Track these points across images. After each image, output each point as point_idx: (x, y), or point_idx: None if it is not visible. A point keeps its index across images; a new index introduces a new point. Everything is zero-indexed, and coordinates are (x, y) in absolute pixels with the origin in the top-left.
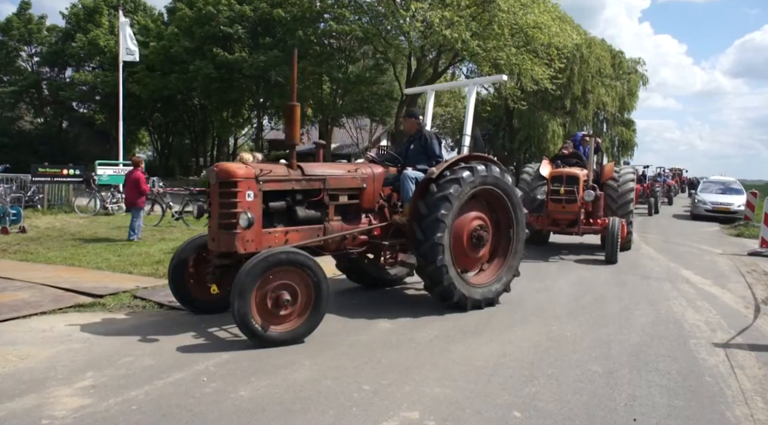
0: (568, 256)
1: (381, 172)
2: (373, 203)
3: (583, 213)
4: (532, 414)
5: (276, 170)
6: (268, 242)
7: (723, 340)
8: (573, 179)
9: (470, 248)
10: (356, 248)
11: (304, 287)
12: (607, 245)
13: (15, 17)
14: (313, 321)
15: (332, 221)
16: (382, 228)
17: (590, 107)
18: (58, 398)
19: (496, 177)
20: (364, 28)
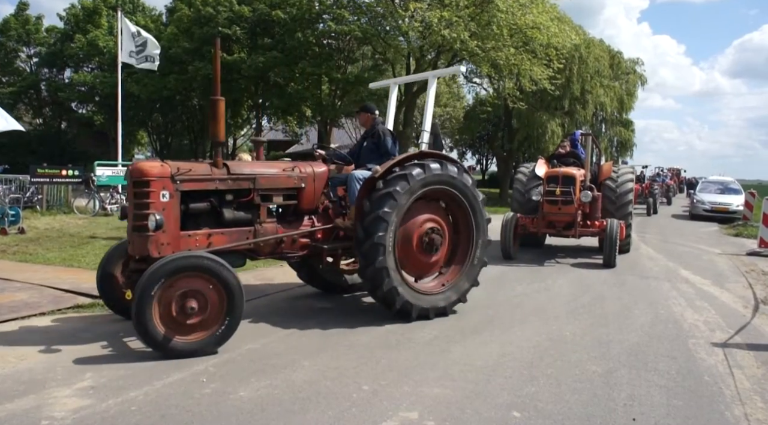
0: (565, 259)
1: (323, 171)
2: (313, 204)
3: (580, 215)
4: (531, 414)
5: (197, 168)
6: (187, 245)
7: (722, 340)
8: (569, 180)
9: (421, 252)
10: (297, 252)
11: (214, 295)
12: (605, 249)
13: (13, 18)
14: (225, 331)
15: (265, 224)
16: (324, 231)
17: (589, 107)
18: (57, 399)
19: (452, 176)
20: (363, 29)
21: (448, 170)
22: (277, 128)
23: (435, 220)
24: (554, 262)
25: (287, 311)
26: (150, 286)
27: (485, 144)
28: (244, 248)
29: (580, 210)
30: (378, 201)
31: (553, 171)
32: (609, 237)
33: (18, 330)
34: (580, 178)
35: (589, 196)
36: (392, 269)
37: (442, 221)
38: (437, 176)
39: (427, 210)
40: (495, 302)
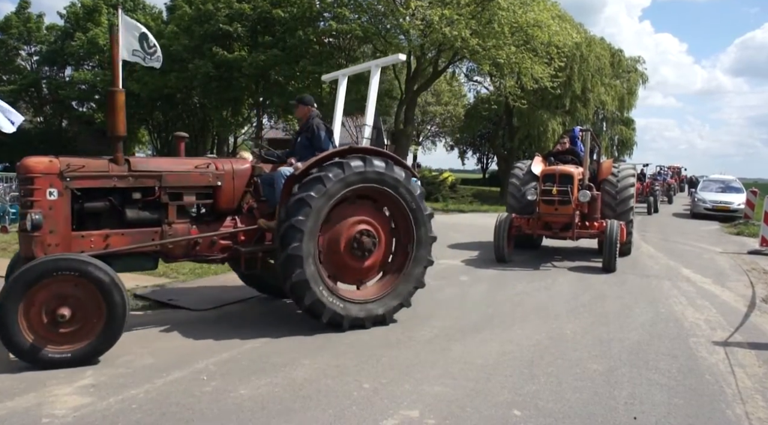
0: (562, 262)
1: (245, 168)
2: (233, 204)
3: (578, 215)
4: (532, 412)
5: (91, 165)
6: (80, 247)
7: (723, 338)
8: (567, 178)
9: (352, 258)
10: (216, 254)
11: (91, 300)
12: (605, 252)
13: (14, 16)
14: (105, 339)
15: (175, 224)
16: (248, 233)
17: (590, 105)
18: (58, 397)
19: (379, 173)
20: (363, 27)
21: (374, 166)
22: (278, 126)
23: (367, 221)
24: (551, 265)
25: (287, 309)
26: (13, 291)
27: (486, 143)
28: (150, 250)
29: (578, 211)
30: (291, 208)
31: (549, 169)
32: (609, 240)
33: None
34: (578, 176)
35: (588, 195)
36: (312, 280)
37: (376, 223)
38: (360, 174)
39: (357, 211)
40: (495, 300)
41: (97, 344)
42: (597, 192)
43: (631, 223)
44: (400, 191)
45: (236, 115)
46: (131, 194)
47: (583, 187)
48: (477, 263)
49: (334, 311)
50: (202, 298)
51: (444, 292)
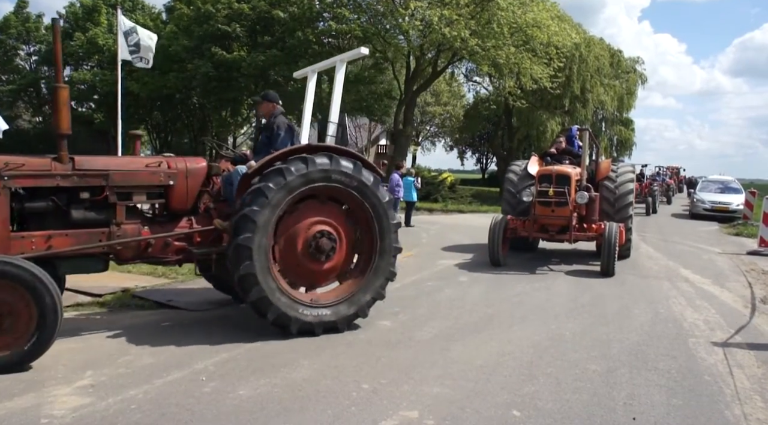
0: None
1: (199, 167)
2: (188, 204)
3: (575, 218)
4: (531, 413)
5: (32, 163)
6: (20, 248)
7: (722, 339)
8: (564, 179)
9: (309, 259)
10: (171, 256)
11: (21, 304)
12: (603, 255)
13: (13, 16)
14: (38, 345)
15: (125, 225)
16: (204, 234)
17: (589, 106)
18: (57, 397)
19: (345, 173)
20: (363, 28)
21: (341, 165)
22: None
23: (327, 223)
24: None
25: None
26: None
27: (485, 143)
28: (98, 251)
29: (576, 213)
30: (247, 198)
31: (546, 169)
32: (607, 243)
33: None
34: (575, 177)
35: (586, 197)
36: (261, 275)
37: (339, 226)
38: (324, 172)
39: (319, 212)
40: (495, 301)
41: (26, 351)
42: (595, 193)
43: (630, 226)
44: (366, 194)
45: (235, 115)
46: (77, 194)
47: (580, 188)
48: (476, 263)
49: (281, 311)
50: (201, 299)
51: (443, 293)
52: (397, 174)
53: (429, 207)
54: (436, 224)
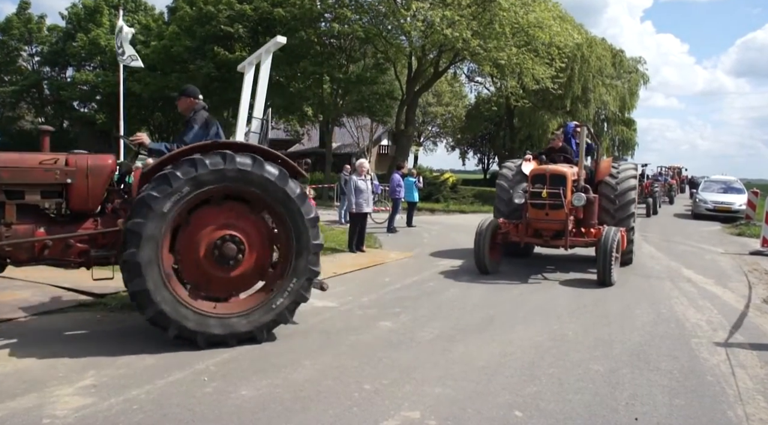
0: (554, 274)
1: (104, 165)
2: (90, 204)
3: (572, 221)
4: (533, 413)
5: None
6: None
7: (724, 339)
8: (559, 179)
9: (215, 267)
10: (73, 258)
11: None
12: (599, 263)
13: (15, 17)
14: None
15: (16, 225)
16: (106, 236)
17: (591, 106)
18: (59, 397)
19: (244, 171)
20: (365, 28)
21: (236, 164)
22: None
23: (233, 226)
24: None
25: None
26: None
27: (487, 143)
28: None
29: (572, 216)
30: (133, 210)
31: (539, 169)
32: (603, 250)
33: (20, 328)
34: (572, 177)
35: (583, 199)
36: (154, 290)
37: (246, 228)
38: (217, 172)
39: (221, 215)
40: (496, 301)
41: None
42: (594, 195)
43: (632, 229)
44: (270, 191)
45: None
46: None
47: (578, 189)
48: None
49: (182, 325)
50: None
51: (444, 293)
52: (398, 174)
53: (431, 207)
54: (438, 225)
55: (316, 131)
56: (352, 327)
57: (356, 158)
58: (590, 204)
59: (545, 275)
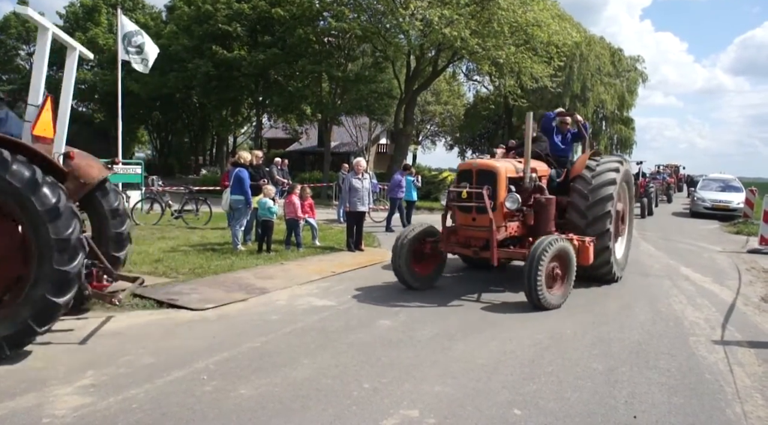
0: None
1: None
2: None
3: (509, 228)
4: (532, 411)
5: None
6: None
7: (722, 337)
8: (487, 176)
9: None
10: None
11: None
12: (525, 280)
13: (13, 16)
14: None
15: None
16: None
17: (589, 105)
18: (58, 396)
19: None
20: (363, 27)
21: None
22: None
23: None
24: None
25: (287, 309)
26: None
27: (485, 142)
28: None
29: (510, 222)
30: None
31: (466, 164)
32: (528, 266)
33: None
34: (507, 173)
35: (516, 201)
36: None
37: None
38: None
39: None
40: (495, 299)
41: None
42: (549, 197)
43: (606, 232)
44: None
45: (236, 114)
46: None
47: (526, 188)
48: (476, 262)
49: None
50: (201, 298)
51: (443, 292)
52: (399, 175)
53: (429, 206)
54: (436, 224)
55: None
56: (351, 325)
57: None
58: (543, 208)
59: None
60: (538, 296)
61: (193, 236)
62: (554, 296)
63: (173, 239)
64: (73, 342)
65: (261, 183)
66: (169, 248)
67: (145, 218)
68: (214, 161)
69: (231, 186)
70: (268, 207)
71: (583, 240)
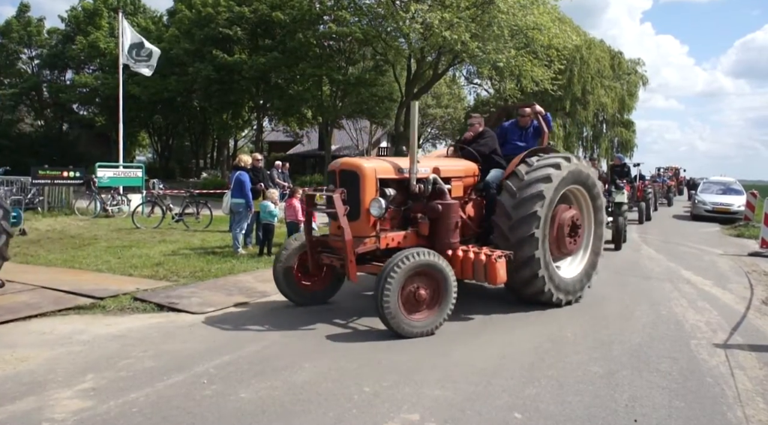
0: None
1: None
2: None
3: (405, 239)
4: (533, 415)
5: None
6: None
7: (723, 341)
8: (349, 177)
9: None
10: None
11: None
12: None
13: (15, 20)
14: None
15: None
16: None
17: (590, 108)
18: (58, 400)
19: None
20: (363, 30)
21: None
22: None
23: None
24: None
25: (287, 312)
26: None
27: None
28: None
29: (402, 232)
30: None
31: (333, 163)
32: (376, 284)
33: (19, 331)
34: (377, 174)
35: (381, 208)
36: None
37: None
38: None
39: None
40: (495, 303)
41: None
42: (450, 202)
43: (531, 237)
44: None
45: (236, 118)
46: None
47: (416, 191)
48: None
49: None
50: (202, 301)
51: None
52: None
53: None
54: None
55: (315, 133)
56: (351, 328)
57: None
58: (440, 216)
59: None
60: (389, 323)
61: (194, 240)
62: (416, 324)
63: (174, 242)
64: (73, 345)
65: (259, 187)
66: (169, 252)
67: (146, 221)
68: (215, 164)
69: (232, 189)
70: (269, 210)
71: (490, 254)
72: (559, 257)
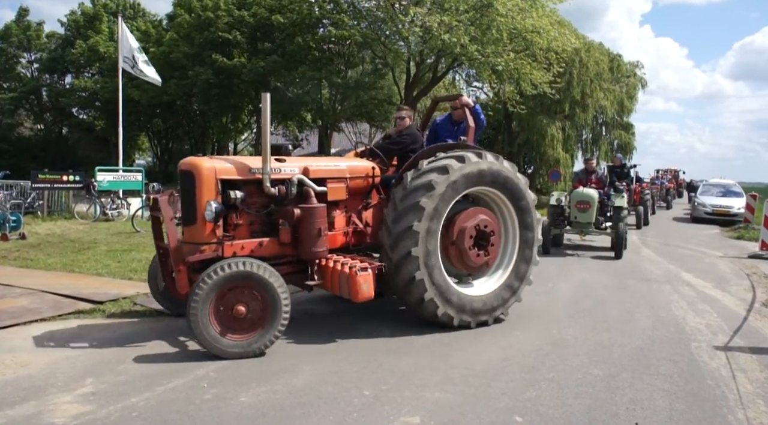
0: (554, 277)
1: None
2: None
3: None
4: (533, 418)
5: None
6: None
7: (724, 343)
8: (188, 178)
9: None
10: None
11: None
12: None
13: (14, 24)
14: None
15: None
16: None
17: (589, 110)
18: (57, 405)
19: None
20: (363, 33)
21: None
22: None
23: None
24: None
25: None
26: None
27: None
28: None
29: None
30: None
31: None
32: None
33: (19, 335)
34: (222, 175)
35: (212, 212)
36: None
37: None
38: None
39: None
40: None
41: None
42: (318, 206)
43: (409, 260)
44: None
45: (236, 121)
46: None
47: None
48: None
49: None
50: None
51: None
52: None
53: None
54: None
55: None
56: (351, 331)
57: None
58: (300, 221)
59: (544, 279)
60: (201, 343)
61: None
62: (232, 343)
63: None
64: (73, 349)
65: None
66: None
67: (146, 225)
68: None
69: None
70: None
71: (353, 267)
72: (474, 273)
